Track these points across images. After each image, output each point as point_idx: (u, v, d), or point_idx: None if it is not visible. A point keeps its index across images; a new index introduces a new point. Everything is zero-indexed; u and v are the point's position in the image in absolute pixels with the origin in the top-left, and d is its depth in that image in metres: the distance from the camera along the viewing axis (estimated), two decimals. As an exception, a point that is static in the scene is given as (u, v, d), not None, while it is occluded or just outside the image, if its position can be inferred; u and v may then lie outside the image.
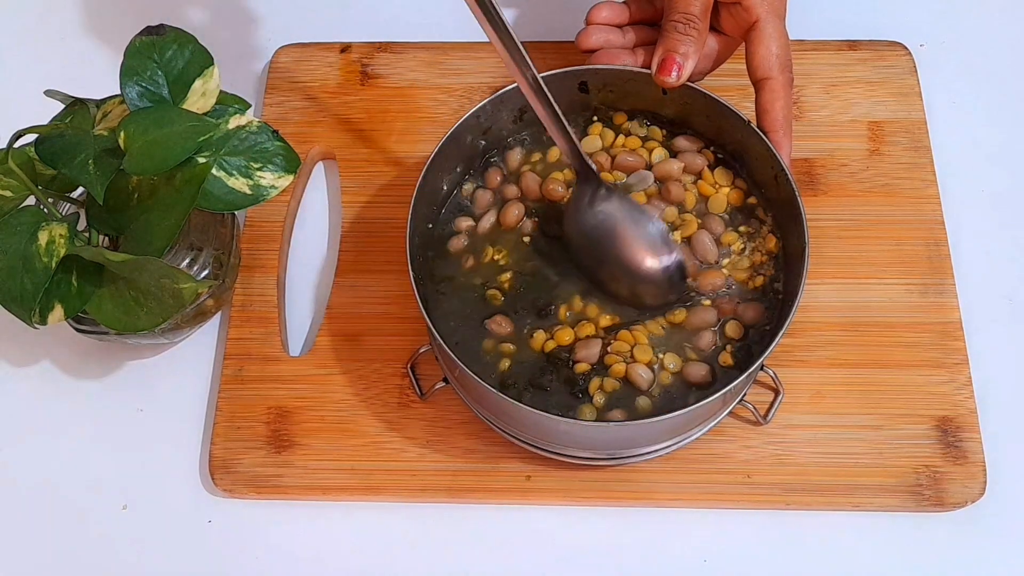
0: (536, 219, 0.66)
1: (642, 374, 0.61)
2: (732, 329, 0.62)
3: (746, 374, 0.58)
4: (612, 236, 0.63)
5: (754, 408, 0.65)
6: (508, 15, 0.81)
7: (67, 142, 0.61)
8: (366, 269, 0.71)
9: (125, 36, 0.63)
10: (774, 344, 0.58)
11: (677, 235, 0.64)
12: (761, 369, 0.64)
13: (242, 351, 0.69)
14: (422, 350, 0.66)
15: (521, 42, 0.58)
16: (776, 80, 0.64)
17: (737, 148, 0.66)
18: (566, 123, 0.61)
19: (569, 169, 0.66)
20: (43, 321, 0.61)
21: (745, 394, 0.64)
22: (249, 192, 0.62)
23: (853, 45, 0.77)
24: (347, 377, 0.68)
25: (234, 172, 0.62)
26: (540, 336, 0.62)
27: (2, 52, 0.82)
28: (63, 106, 0.65)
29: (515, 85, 0.63)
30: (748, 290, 0.63)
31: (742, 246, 0.65)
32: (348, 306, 0.70)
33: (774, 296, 0.63)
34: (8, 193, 0.62)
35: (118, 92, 0.63)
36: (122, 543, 0.65)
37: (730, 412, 0.64)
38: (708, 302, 0.63)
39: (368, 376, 0.68)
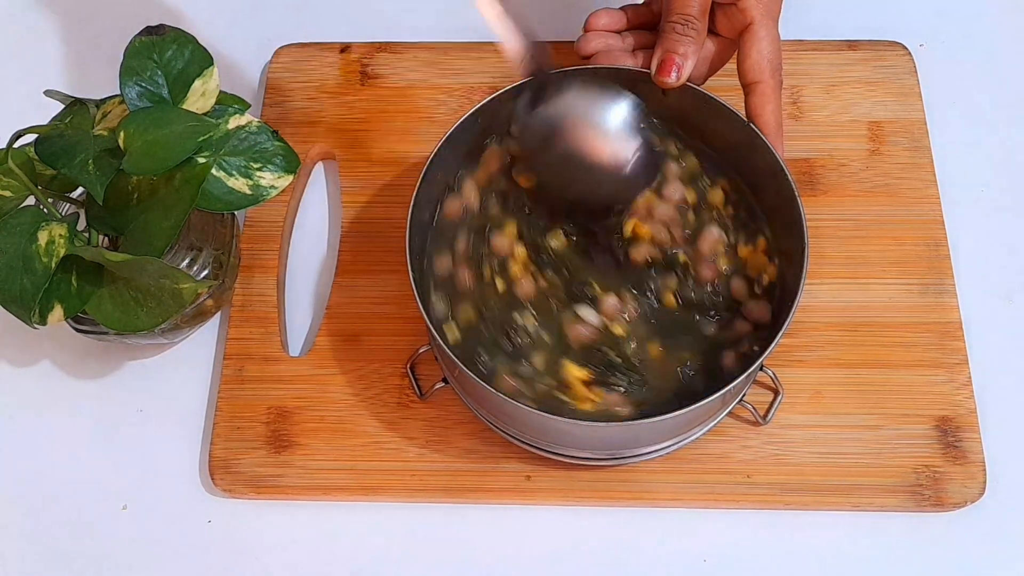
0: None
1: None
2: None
3: (746, 374, 0.58)
4: (570, 130, 0.62)
5: (753, 408, 0.65)
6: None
7: (67, 142, 0.62)
8: (366, 269, 0.71)
9: (125, 36, 0.63)
10: (774, 344, 0.58)
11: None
12: (760, 369, 0.64)
13: (242, 351, 0.69)
14: (422, 350, 0.66)
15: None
16: (766, 83, 0.63)
17: (735, 149, 0.66)
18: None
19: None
20: (43, 321, 0.61)
21: (745, 394, 0.64)
22: (249, 192, 0.62)
23: (853, 45, 0.77)
24: (347, 377, 0.68)
25: (234, 172, 0.62)
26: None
27: (2, 52, 0.82)
28: (63, 106, 0.65)
29: (514, 85, 0.63)
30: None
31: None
32: (348, 306, 0.70)
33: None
34: (8, 193, 0.62)
35: (118, 92, 0.63)
36: (122, 543, 0.65)
37: (730, 412, 0.64)
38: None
39: (368, 376, 0.68)
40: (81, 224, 0.64)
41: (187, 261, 0.66)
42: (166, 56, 0.63)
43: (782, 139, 0.63)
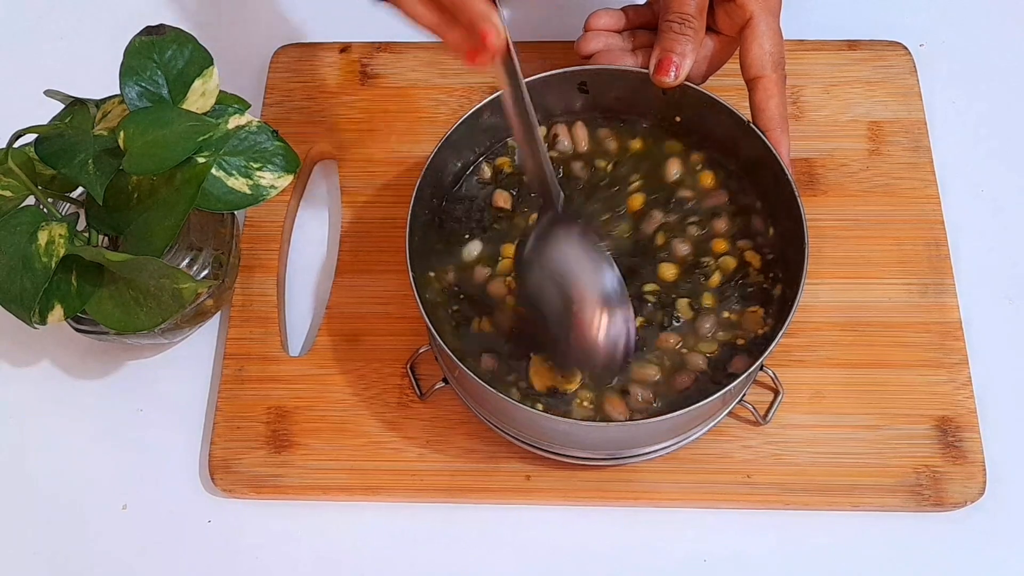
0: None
1: None
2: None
3: (746, 374, 0.58)
4: (559, 283, 0.59)
5: (754, 408, 0.65)
6: (509, 16, 0.81)
7: (67, 142, 0.62)
8: (366, 269, 0.71)
9: (125, 36, 0.63)
10: (774, 344, 0.58)
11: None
12: (761, 369, 0.64)
13: (242, 351, 0.69)
14: (422, 350, 0.66)
15: (519, 46, 0.55)
16: (769, 78, 0.63)
17: (735, 149, 0.66)
18: (540, 141, 0.58)
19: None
20: (43, 321, 0.61)
21: (745, 394, 0.64)
22: (249, 192, 0.62)
23: (853, 45, 0.77)
24: (347, 377, 0.68)
25: (234, 172, 0.62)
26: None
27: (2, 52, 0.82)
28: (63, 106, 0.65)
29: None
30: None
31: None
32: (348, 306, 0.70)
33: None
34: (8, 193, 0.62)
35: (118, 92, 0.63)
36: (122, 543, 0.65)
37: (730, 412, 0.64)
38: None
39: (368, 376, 0.68)
40: (81, 224, 0.64)
41: (187, 261, 0.66)
42: (166, 56, 0.63)
43: (787, 134, 0.63)
